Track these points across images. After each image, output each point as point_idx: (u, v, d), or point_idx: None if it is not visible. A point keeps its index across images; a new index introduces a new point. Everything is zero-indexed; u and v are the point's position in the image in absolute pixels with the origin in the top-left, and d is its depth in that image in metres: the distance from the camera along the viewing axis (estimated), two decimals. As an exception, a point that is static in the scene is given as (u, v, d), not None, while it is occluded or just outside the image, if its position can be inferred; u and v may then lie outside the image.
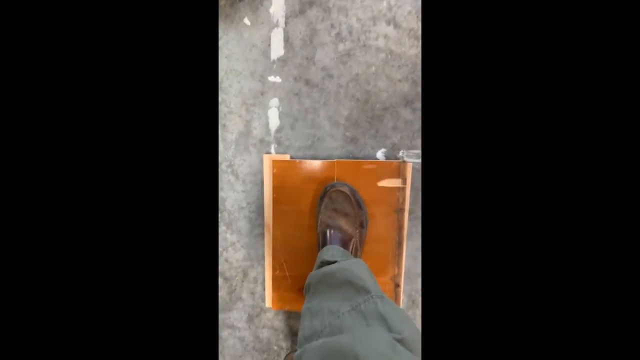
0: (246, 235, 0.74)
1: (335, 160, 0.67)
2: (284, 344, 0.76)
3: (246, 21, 0.67)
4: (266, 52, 0.68)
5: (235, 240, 0.74)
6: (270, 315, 0.76)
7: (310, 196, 0.68)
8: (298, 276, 0.70)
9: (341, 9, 0.65)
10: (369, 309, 0.43)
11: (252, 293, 0.75)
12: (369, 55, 0.66)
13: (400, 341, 0.37)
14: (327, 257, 0.56)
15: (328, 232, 0.61)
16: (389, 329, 0.40)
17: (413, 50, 0.65)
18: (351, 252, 0.61)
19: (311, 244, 0.69)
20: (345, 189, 0.63)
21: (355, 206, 0.64)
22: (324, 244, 0.61)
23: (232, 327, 0.77)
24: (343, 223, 0.62)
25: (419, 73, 0.66)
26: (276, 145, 0.70)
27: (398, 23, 0.65)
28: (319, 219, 0.64)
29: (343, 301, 0.45)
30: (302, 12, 0.66)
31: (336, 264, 0.52)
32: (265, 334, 0.76)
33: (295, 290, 0.70)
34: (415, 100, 0.67)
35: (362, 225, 0.65)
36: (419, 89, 0.66)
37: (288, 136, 0.70)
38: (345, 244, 0.61)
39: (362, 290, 0.45)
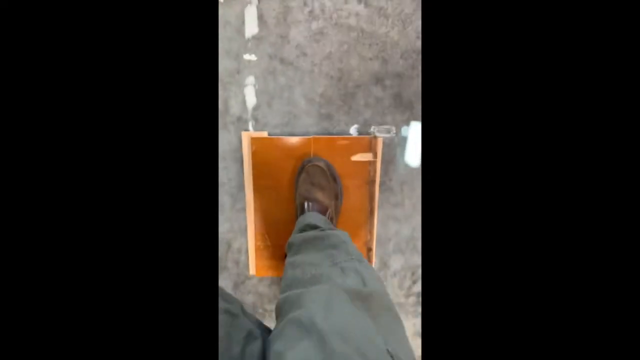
0: (229, 209, 0.77)
1: (312, 136, 0.71)
2: (269, 307, 0.83)
3: (218, -2, 0.67)
4: (240, 30, 0.68)
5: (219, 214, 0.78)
6: (254, 281, 0.82)
7: (288, 171, 0.72)
8: (279, 245, 0.76)
9: (313, -13, 0.66)
10: (348, 266, 0.49)
11: (237, 262, 0.81)
12: (341, 34, 0.68)
13: (370, 294, 0.43)
14: (311, 221, 0.61)
15: (306, 204, 0.66)
16: (363, 283, 0.46)
17: (383, 29, 0.68)
18: None
19: (290, 215, 0.74)
20: (321, 164, 0.68)
21: (331, 180, 0.69)
22: (302, 214, 0.67)
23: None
24: (320, 195, 0.67)
25: (389, 52, 0.69)
26: (254, 123, 0.73)
27: (368, 2, 0.67)
28: (297, 192, 0.69)
29: (326, 258, 0.51)
30: (274, -11, 0.66)
31: (324, 231, 0.58)
32: (250, 299, 0.83)
33: (277, 258, 0.76)
34: (385, 78, 0.71)
35: (336, 197, 0.70)
36: (389, 67, 0.70)
37: (265, 114, 0.72)
38: (322, 215, 0.67)
39: (345, 252, 0.51)
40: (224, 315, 0.42)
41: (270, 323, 0.83)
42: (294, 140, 0.71)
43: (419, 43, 0.69)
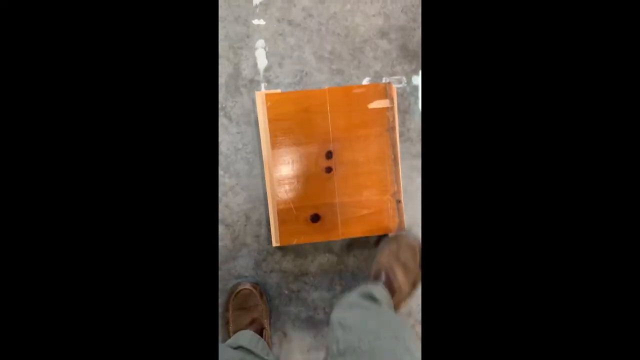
0: (245, 177, 0.73)
1: (327, 87, 0.71)
2: (294, 287, 0.74)
3: (226, -30, 0.71)
4: (248, -2, 0.72)
5: (234, 184, 0.73)
6: (277, 257, 0.74)
7: (306, 125, 0.70)
8: (303, 207, 0.70)
9: (313, -44, 0.72)
10: (413, 347, 0.45)
11: (257, 236, 0.74)
12: (343, -6, 0.73)
13: None
14: (375, 293, 0.58)
15: (383, 274, 0.64)
16: None
17: (381, -12, 0.73)
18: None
19: (312, 171, 0.70)
20: (415, 244, 0.66)
21: (418, 265, 0.65)
22: (372, 281, 0.64)
23: (238, 277, 0.74)
24: (400, 275, 0.63)
25: (390, 7, 0.74)
26: (266, 84, 0.73)
27: (365, -35, 0.73)
28: (378, 257, 0.67)
29: (387, 331, 0.47)
30: (278, -40, 0.72)
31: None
32: (274, 279, 0.74)
33: (301, 221, 0.70)
34: (389, 31, 0.74)
35: (414, 286, 0.66)
36: (392, 21, 0.74)
37: (277, 74, 0.73)
38: (389, 291, 0.63)
39: (409, 332, 0.48)
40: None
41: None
42: (309, 93, 0.70)
43: (416, -4, 0.74)
